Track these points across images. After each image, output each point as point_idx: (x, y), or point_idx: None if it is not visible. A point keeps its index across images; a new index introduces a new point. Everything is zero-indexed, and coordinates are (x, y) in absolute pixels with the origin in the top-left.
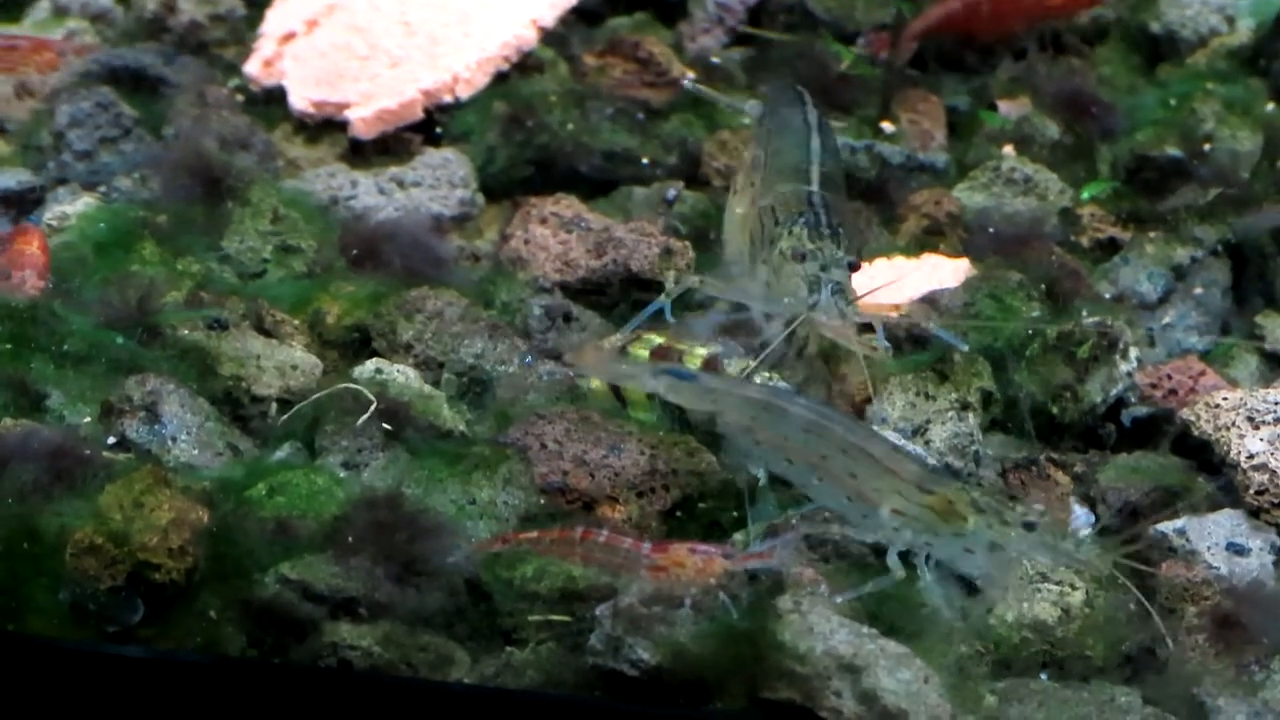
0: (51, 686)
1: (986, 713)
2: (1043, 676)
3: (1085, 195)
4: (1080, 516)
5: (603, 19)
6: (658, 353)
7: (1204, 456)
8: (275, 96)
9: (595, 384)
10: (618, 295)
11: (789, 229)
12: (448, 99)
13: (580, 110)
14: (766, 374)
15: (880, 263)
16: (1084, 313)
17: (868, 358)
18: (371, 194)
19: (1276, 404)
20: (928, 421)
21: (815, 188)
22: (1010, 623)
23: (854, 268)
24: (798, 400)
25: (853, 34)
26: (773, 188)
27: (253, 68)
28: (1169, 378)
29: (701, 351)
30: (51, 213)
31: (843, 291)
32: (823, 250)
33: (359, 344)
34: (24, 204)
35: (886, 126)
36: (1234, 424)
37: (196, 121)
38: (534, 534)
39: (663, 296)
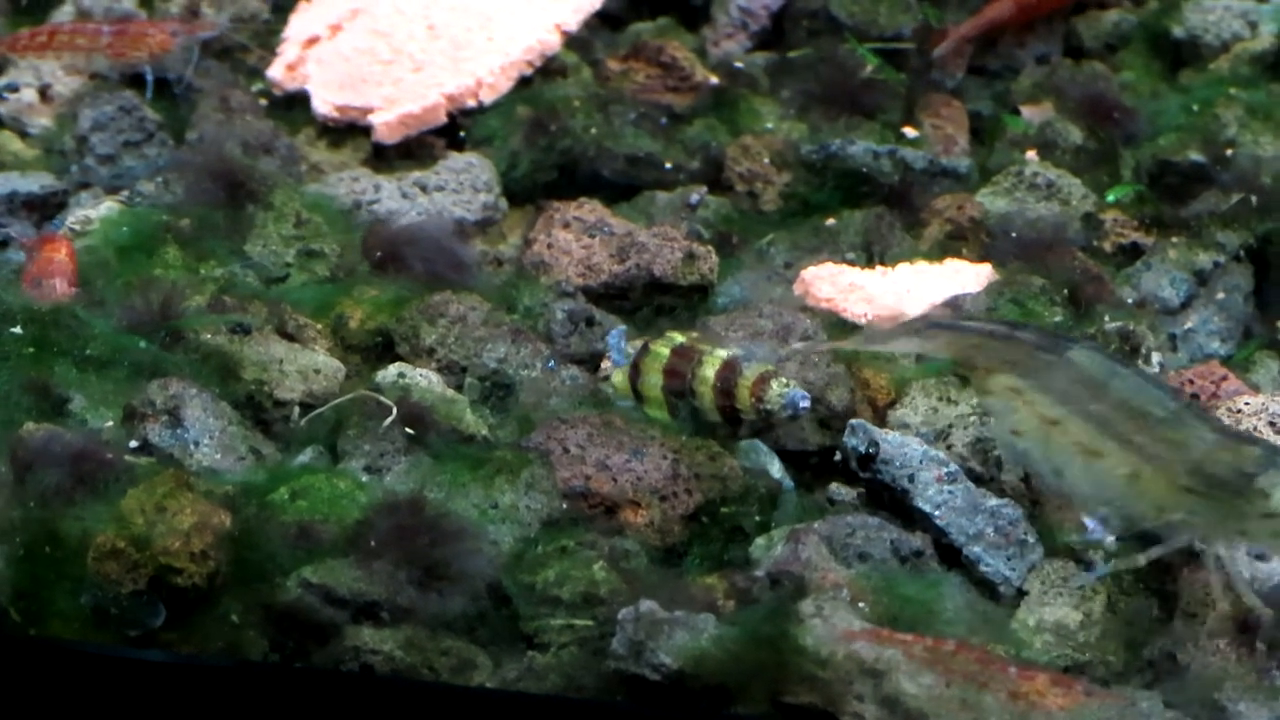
0: (74, 690)
1: (1004, 715)
2: None
3: (1110, 198)
4: (1095, 527)
5: (626, 23)
6: (678, 352)
7: None
8: (298, 101)
9: (617, 379)
10: (640, 300)
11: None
12: (471, 103)
13: (603, 114)
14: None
15: (903, 267)
16: (1106, 318)
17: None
18: (394, 198)
19: None
20: (950, 426)
21: (1211, 426)
22: (1032, 626)
23: None
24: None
25: (876, 39)
26: (1172, 443)
27: (276, 72)
28: (1191, 382)
29: (722, 354)
30: (74, 217)
31: None
32: None
33: (382, 348)
34: (47, 208)
35: (909, 131)
36: (1256, 429)
37: (219, 126)
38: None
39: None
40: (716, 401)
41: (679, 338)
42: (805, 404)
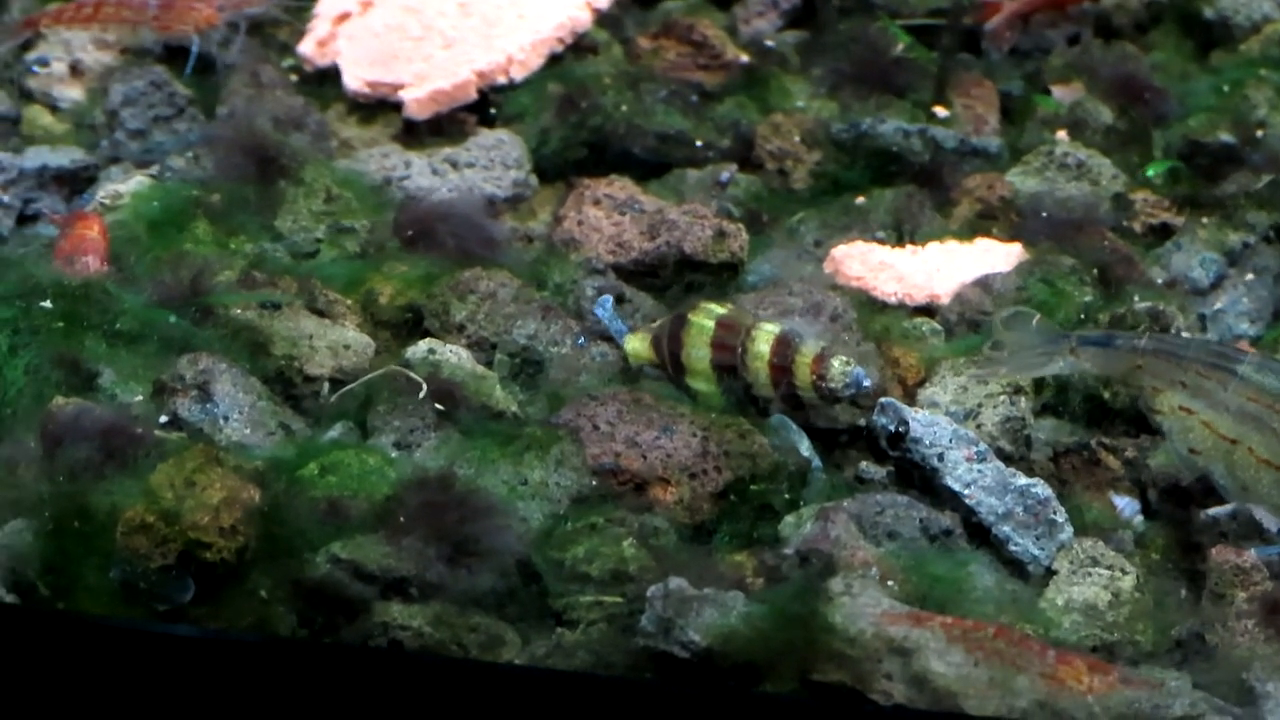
0: (102, 665)
1: (1034, 695)
2: None
3: (1149, 173)
4: (1125, 507)
5: (657, 1)
6: (723, 324)
7: None
8: (329, 77)
9: (632, 345)
10: (671, 277)
11: None
12: (502, 80)
13: (634, 92)
14: None
15: (933, 246)
16: (1136, 298)
17: None
18: (425, 175)
19: None
20: (979, 405)
21: None
22: (1060, 605)
23: None
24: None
25: (908, 16)
26: None
27: (307, 48)
28: None
29: (771, 328)
30: (104, 191)
31: None
32: None
33: (412, 324)
34: (77, 182)
35: (940, 111)
36: None
37: (250, 101)
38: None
39: None
40: (772, 377)
41: (718, 309)
42: (868, 382)
